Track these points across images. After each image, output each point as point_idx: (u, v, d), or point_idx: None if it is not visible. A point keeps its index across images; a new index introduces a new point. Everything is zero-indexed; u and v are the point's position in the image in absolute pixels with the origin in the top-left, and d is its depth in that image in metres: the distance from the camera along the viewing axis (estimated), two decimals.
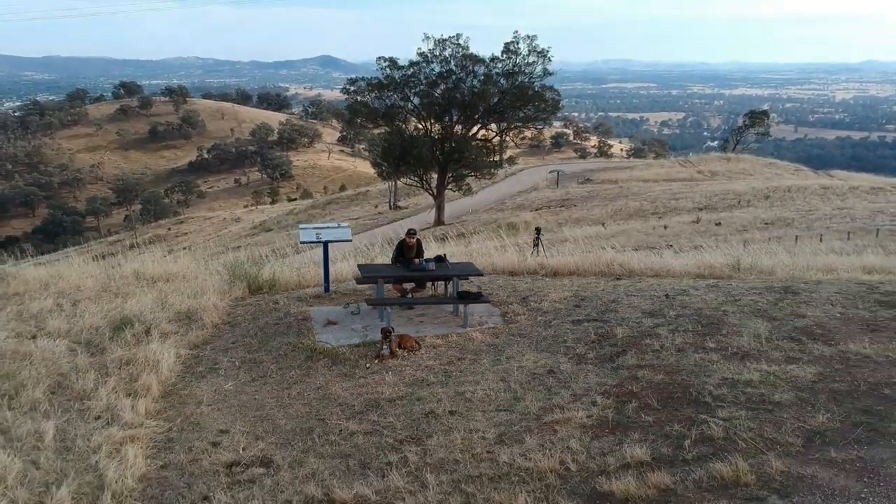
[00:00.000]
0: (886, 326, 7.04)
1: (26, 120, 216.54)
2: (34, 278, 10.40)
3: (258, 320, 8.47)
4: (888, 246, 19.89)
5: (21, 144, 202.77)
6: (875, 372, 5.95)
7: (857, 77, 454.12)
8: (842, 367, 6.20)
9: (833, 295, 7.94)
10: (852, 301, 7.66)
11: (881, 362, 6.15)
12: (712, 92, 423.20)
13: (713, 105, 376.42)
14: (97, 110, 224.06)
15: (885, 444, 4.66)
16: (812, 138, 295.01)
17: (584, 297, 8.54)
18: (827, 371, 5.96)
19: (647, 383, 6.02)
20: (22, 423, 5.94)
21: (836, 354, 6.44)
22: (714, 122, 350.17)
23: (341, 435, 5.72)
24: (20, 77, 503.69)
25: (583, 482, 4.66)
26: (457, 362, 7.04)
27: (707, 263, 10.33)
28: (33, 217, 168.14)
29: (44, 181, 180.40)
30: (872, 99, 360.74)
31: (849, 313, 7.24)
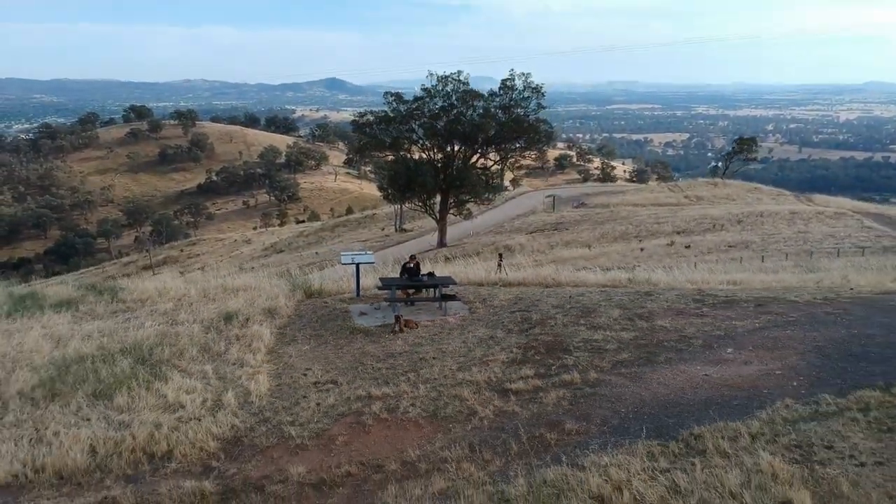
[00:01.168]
0: (688, 312, 11.50)
1: (38, 143, 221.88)
2: (147, 290, 15.10)
3: (316, 313, 13.12)
4: (811, 264, 24.36)
5: (33, 167, 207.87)
6: (666, 335, 10.53)
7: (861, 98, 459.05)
8: (649, 332, 10.64)
9: (671, 296, 12.43)
10: (678, 300, 12.19)
11: (671, 330, 10.64)
12: (716, 113, 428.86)
13: (717, 126, 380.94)
14: (108, 134, 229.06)
15: (650, 367, 9.21)
16: (816, 159, 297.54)
17: (520, 298, 13.11)
18: (639, 334, 10.49)
19: (542, 342, 10.51)
20: (192, 367, 10.51)
21: (649, 326, 10.95)
22: (718, 143, 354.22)
23: (373, 369, 10.30)
24: (29, 100, 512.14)
25: (497, 385, 9.24)
26: (438, 334, 11.61)
27: (613, 277, 14.99)
28: (45, 239, 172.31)
29: (55, 203, 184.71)
30: (876, 119, 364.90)
31: (671, 306, 11.80)
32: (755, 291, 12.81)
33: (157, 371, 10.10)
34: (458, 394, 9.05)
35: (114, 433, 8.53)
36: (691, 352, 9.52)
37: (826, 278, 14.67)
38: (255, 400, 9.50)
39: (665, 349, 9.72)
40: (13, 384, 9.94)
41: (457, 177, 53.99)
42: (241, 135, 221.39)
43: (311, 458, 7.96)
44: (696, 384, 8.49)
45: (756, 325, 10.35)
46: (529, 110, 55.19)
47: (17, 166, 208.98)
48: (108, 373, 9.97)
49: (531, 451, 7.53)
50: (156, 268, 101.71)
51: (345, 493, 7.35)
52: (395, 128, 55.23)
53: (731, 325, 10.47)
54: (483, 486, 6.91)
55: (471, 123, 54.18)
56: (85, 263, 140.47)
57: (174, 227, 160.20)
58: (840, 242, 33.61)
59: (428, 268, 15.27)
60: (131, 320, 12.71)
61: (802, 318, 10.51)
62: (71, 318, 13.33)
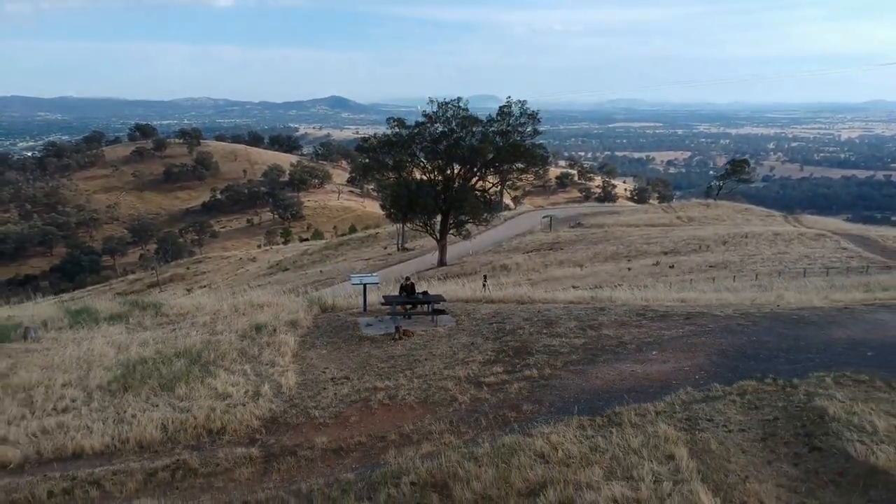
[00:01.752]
0: (629, 324, 14.15)
1: (45, 161, 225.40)
2: (185, 306, 17.79)
3: (330, 324, 15.77)
4: (771, 284, 26.98)
5: (40, 185, 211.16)
6: (608, 341, 13.20)
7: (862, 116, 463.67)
8: (596, 339, 13.27)
9: (621, 311, 15.10)
10: (625, 314, 14.86)
11: (613, 337, 13.31)
12: (718, 131, 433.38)
13: (719, 144, 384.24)
14: (113, 152, 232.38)
15: (592, 366, 11.86)
16: (818, 177, 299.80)
17: (498, 312, 15.77)
18: (588, 341, 13.15)
19: (511, 347, 13.17)
20: (234, 367, 13.18)
21: (596, 335, 13.57)
22: (720, 161, 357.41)
23: (377, 367, 12.95)
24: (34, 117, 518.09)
25: (474, 379, 11.88)
26: (430, 341, 14.24)
27: (578, 295, 17.68)
28: (51, 256, 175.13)
29: (61, 221, 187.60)
30: (878, 138, 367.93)
31: (618, 319, 14.45)
32: (692, 307, 15.51)
33: (206, 370, 12.80)
34: (443, 385, 11.74)
35: (179, 415, 11.22)
36: (625, 354, 12.22)
37: (763, 297, 17.35)
38: (285, 391, 12.20)
39: (605, 352, 12.41)
40: (93, 380, 12.64)
41: (456, 198, 56.73)
42: (245, 153, 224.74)
43: (330, 432, 10.64)
44: (624, 377, 11.16)
45: (680, 333, 13.05)
46: (526, 135, 57.98)
47: (23, 184, 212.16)
48: (167, 371, 12.67)
49: (495, 425, 10.21)
50: (162, 285, 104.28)
51: (357, 455, 10.02)
52: (398, 151, 57.98)
53: (660, 333, 13.17)
54: (458, 448, 9.58)
55: (470, 147, 57.03)
56: (91, 281, 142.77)
57: (179, 245, 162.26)
58: (812, 263, 36.25)
59: (423, 287, 18.02)
60: (177, 331, 15.46)
61: (718, 328, 13.20)
62: (124, 328, 16.05)
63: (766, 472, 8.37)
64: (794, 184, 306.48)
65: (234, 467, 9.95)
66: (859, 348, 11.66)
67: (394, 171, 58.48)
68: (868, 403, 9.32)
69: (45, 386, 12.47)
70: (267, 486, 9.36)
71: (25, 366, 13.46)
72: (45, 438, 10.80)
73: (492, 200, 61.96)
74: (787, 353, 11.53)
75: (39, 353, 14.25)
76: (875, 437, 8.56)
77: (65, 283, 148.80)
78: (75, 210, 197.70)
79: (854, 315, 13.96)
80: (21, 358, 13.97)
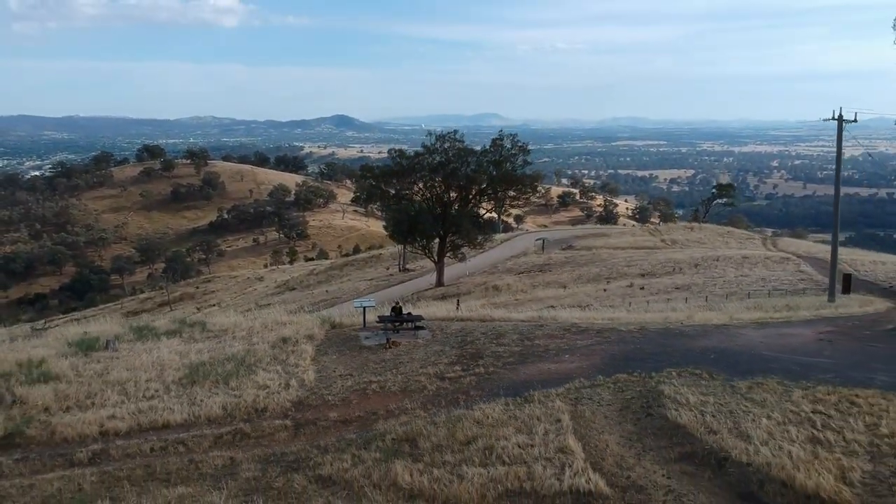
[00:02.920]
0: (556, 336, 19.19)
1: (54, 182, 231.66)
2: (225, 323, 22.89)
3: (338, 337, 20.85)
4: (714, 304, 31.96)
5: (49, 205, 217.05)
6: (538, 349, 18.24)
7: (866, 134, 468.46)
8: (530, 347, 18.26)
9: (554, 327, 20.13)
10: (556, 329, 19.87)
11: (541, 346, 18.34)
12: (721, 149, 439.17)
13: (722, 162, 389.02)
14: (122, 172, 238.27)
15: (522, 365, 16.87)
16: (821, 195, 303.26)
17: (464, 328, 20.81)
18: (523, 348, 18.16)
19: (468, 353, 18.18)
20: (269, 367, 18.27)
21: (531, 344, 18.47)
22: (723, 178, 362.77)
23: (372, 367, 18.01)
24: (41, 136, 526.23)
25: (440, 375, 16.84)
26: (411, 349, 19.30)
27: (529, 315, 22.69)
28: (60, 275, 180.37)
29: (70, 241, 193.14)
30: (881, 156, 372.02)
31: (549, 333, 19.45)
32: (608, 324, 20.61)
33: (249, 369, 17.94)
34: (418, 379, 16.85)
35: (233, 399, 16.33)
36: (546, 357, 17.32)
37: (676, 316, 22.40)
38: (307, 383, 17.31)
39: (533, 356, 17.50)
40: (167, 376, 17.77)
41: (453, 223, 61.92)
42: (251, 173, 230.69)
43: (339, 410, 15.73)
44: (542, 373, 16.24)
45: (589, 343, 18.12)
46: (517, 165, 63.36)
47: (33, 204, 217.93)
48: (221, 370, 17.80)
49: (451, 404, 15.29)
50: (173, 304, 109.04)
51: (357, 424, 15.09)
52: (399, 180, 63.30)
53: (575, 343, 18.27)
54: (424, 418, 14.66)
55: (465, 176, 62.35)
56: (100, 299, 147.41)
57: (186, 265, 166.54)
58: (764, 286, 41.19)
59: (421, 306, 23.19)
60: (222, 342, 20.62)
61: (617, 339, 18.28)
62: (180, 341, 21.22)
63: (615, 429, 13.45)
64: (797, 202, 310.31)
65: (274, 432, 15.05)
66: (708, 353, 16.71)
67: (395, 200, 63.79)
68: (691, 387, 14.40)
69: (134, 381, 17.61)
70: (297, 444, 14.44)
71: (115, 368, 18.61)
72: (141, 415, 15.91)
73: (486, 225, 67.13)
74: (657, 356, 16.57)
75: (122, 359, 19.40)
76: (686, 407, 13.63)
77: (74, 301, 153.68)
78: (84, 230, 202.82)
79: (722, 330, 19.02)
80: (109, 362, 19.13)
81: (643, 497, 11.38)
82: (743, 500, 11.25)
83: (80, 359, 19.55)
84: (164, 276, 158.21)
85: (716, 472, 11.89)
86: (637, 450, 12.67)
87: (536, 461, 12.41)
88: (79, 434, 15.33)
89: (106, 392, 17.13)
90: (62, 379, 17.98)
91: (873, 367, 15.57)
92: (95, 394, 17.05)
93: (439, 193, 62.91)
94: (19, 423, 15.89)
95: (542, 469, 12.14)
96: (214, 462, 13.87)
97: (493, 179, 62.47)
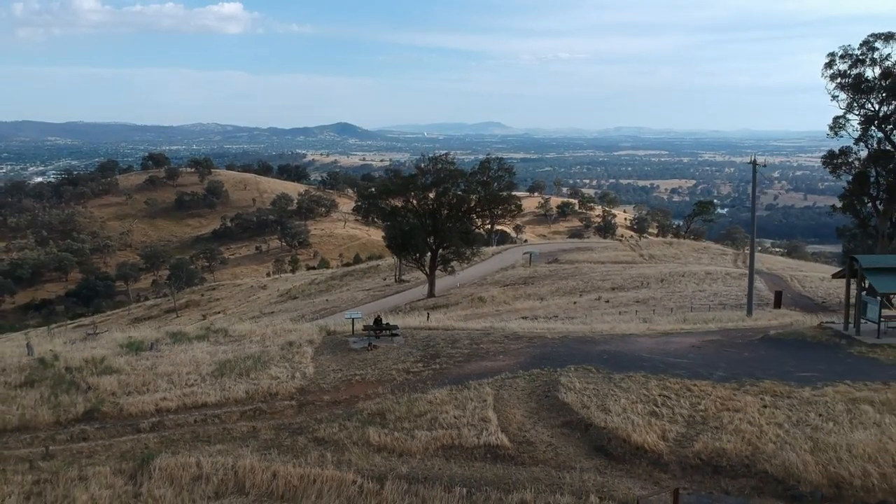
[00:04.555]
0: (497, 341, 25.05)
1: (60, 189, 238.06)
2: (243, 330, 28.98)
3: (332, 341, 26.82)
4: (649, 317, 37.93)
5: (55, 212, 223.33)
6: (481, 351, 24.17)
7: None
8: (476, 350, 24.11)
9: (498, 335, 25.98)
10: (499, 337, 25.68)
11: (484, 349, 24.22)
12: (723, 159, 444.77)
13: (724, 172, 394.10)
14: (127, 180, 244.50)
15: (468, 363, 22.71)
16: (821, 206, 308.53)
17: (429, 335, 26.71)
18: (471, 351, 24.01)
19: (429, 353, 23.97)
20: (280, 363, 24.24)
21: (477, 347, 24.27)
22: (724, 189, 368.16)
23: (357, 364, 23.88)
24: (44, 142, 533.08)
25: (406, 370, 22.69)
26: (387, 351, 25.21)
27: (484, 325, 28.72)
28: (66, 281, 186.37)
29: (76, 247, 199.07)
30: None
31: (493, 339, 25.24)
32: (540, 333, 26.63)
33: (265, 365, 24.01)
34: (390, 373, 22.94)
35: (253, 386, 22.39)
36: (487, 357, 23.39)
37: (602, 327, 28.43)
38: (308, 375, 23.40)
39: (477, 356, 23.59)
40: (202, 370, 23.87)
41: (444, 239, 68.08)
42: (254, 182, 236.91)
43: (331, 394, 21.81)
44: (481, 368, 22.29)
45: (519, 347, 24.17)
46: (503, 185, 69.67)
47: (39, 211, 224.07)
48: (243, 365, 23.89)
49: (412, 391, 21.37)
50: (179, 311, 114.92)
51: (344, 405, 21.16)
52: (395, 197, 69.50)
53: (509, 347, 24.34)
54: (392, 400, 20.74)
55: (455, 196, 68.56)
56: (106, 306, 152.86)
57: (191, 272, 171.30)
58: (713, 300, 47.20)
59: (400, 318, 29.23)
60: (242, 345, 26.71)
61: (541, 344, 24.31)
62: (208, 344, 27.32)
63: (522, 406, 19.52)
64: (798, 213, 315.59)
65: (283, 409, 21.13)
66: (603, 355, 22.73)
67: (390, 217, 70.05)
68: (581, 378, 20.46)
69: (177, 373, 23.71)
70: (300, 417, 20.50)
71: (160, 363, 24.72)
72: (185, 397, 21.96)
73: (476, 240, 73.34)
74: (565, 357, 22.59)
75: (164, 357, 25.52)
76: (573, 391, 19.69)
77: (80, 307, 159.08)
78: (90, 237, 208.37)
79: (626, 338, 25.06)
80: (155, 360, 25.25)
81: (531, 448, 17.44)
82: (597, 451, 17.29)
83: (132, 357, 25.67)
84: (168, 283, 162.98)
85: (583, 433, 17.95)
86: (534, 419, 18.74)
87: (465, 426, 18.48)
88: (140, 411, 21.40)
89: (157, 381, 23.23)
90: (122, 371, 24.09)
91: (718, 366, 21.49)
92: (149, 382, 23.15)
93: (431, 211, 69.08)
94: (95, 403, 21.99)
95: (468, 431, 18.22)
96: (241, 429, 19.96)
97: (481, 199, 68.67)
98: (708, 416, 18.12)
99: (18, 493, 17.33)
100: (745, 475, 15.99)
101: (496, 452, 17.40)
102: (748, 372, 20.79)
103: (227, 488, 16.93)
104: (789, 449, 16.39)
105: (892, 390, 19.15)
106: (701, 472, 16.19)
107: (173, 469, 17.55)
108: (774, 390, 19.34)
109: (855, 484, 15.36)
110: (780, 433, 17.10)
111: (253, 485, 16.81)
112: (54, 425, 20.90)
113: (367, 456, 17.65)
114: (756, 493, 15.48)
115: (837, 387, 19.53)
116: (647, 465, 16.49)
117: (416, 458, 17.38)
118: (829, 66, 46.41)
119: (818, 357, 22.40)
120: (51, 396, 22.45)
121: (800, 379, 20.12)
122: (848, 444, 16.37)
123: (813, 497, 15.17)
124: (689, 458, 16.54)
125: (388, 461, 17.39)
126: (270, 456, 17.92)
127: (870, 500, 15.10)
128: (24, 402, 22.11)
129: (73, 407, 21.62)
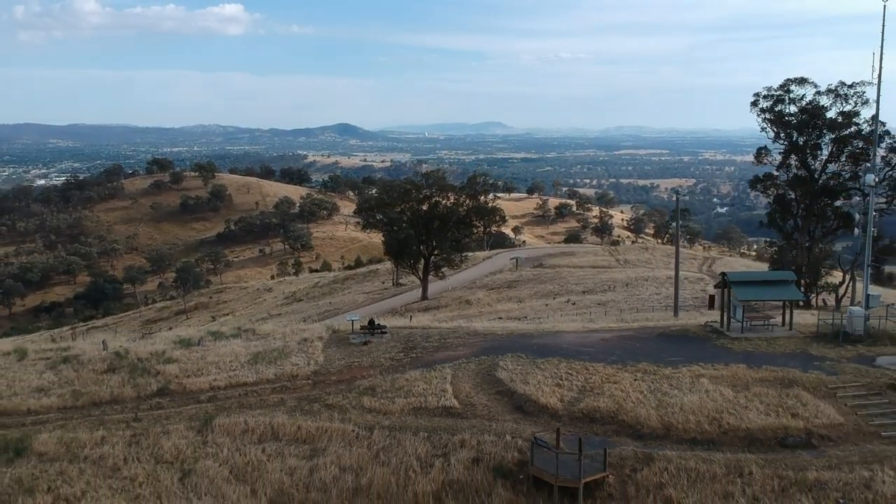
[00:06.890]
0: (461, 336, 33.75)
1: (67, 194, 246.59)
2: (267, 330, 37.83)
3: (337, 338, 35.42)
4: (607, 318, 46.67)
5: (63, 217, 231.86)
6: (448, 343, 33.12)
7: None
8: (444, 342, 32.89)
9: (462, 332, 34.50)
10: (463, 334, 34.32)
11: (451, 342, 33.08)
12: (724, 158, 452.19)
13: (724, 171, 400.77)
14: (132, 184, 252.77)
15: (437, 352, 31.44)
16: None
17: (410, 333, 35.26)
18: (439, 343, 33.00)
19: (409, 346, 32.74)
20: (298, 355, 33.10)
21: (445, 340, 33.02)
22: (724, 188, 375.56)
23: (356, 355, 32.67)
24: (46, 144, 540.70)
25: (391, 358, 31.54)
26: (378, 345, 33.74)
27: (454, 325, 37.30)
28: (74, 284, 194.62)
29: (84, 251, 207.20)
30: None
31: (458, 335, 33.88)
32: (498, 331, 35.47)
33: (287, 356, 32.93)
34: (379, 360, 31.90)
35: (279, 370, 31.33)
36: (451, 348, 32.30)
37: (546, 326, 37.30)
38: (319, 363, 32.36)
39: (445, 348, 32.51)
40: (241, 359, 32.78)
41: (435, 246, 76.87)
42: (257, 186, 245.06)
43: (337, 376, 30.78)
44: (446, 356, 31.20)
45: (476, 341, 33.06)
46: (489, 198, 78.51)
47: (47, 216, 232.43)
48: (271, 356, 32.81)
49: (395, 372, 30.32)
50: (189, 313, 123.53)
51: (346, 383, 30.11)
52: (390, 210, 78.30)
53: (468, 341, 33.25)
54: (381, 379, 29.71)
55: (445, 207, 77.35)
56: (114, 307, 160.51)
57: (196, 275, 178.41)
58: (660, 303, 55.93)
59: (398, 319, 38.16)
60: (268, 341, 35.65)
61: (492, 338, 33.19)
62: (241, 340, 36.25)
63: (470, 381, 28.48)
64: None
65: (302, 386, 30.09)
66: (534, 346, 31.57)
67: (386, 227, 78.90)
68: (513, 362, 29.37)
69: (222, 362, 32.67)
70: (314, 391, 29.48)
71: (208, 355, 33.65)
72: (231, 379, 30.85)
73: (467, 246, 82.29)
74: (507, 348, 31.41)
75: (210, 350, 34.48)
76: (506, 371, 28.62)
77: (89, 310, 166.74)
78: (97, 240, 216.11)
79: (556, 334, 33.91)
80: (204, 352, 34.20)
81: (473, 408, 26.37)
82: (516, 409, 26.18)
83: (185, 350, 34.62)
84: (174, 286, 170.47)
85: (509, 398, 26.86)
86: (477, 390, 27.67)
87: (429, 395, 27.41)
88: (198, 388, 30.33)
89: (208, 367, 32.18)
90: (180, 361, 33.05)
91: (614, 353, 30.28)
92: (202, 368, 32.11)
93: (424, 221, 77.90)
94: (164, 383, 30.93)
95: (432, 398, 27.15)
96: (273, 399, 28.91)
97: (469, 210, 77.55)
98: (594, 386, 27.00)
99: (122, 443, 26.20)
100: (610, 423, 24.89)
101: (449, 411, 26.32)
102: (633, 357, 29.63)
103: (267, 437, 25.88)
104: (641, 407, 25.28)
105: (729, 370, 27.97)
106: (582, 422, 25.08)
107: (228, 425, 26.47)
108: (646, 369, 28.20)
109: (679, 427, 24.23)
110: (639, 397, 25.97)
111: (284, 434, 25.76)
112: (136, 399, 29.79)
113: (362, 415, 26.57)
114: (614, 433, 24.36)
115: (692, 367, 28.36)
116: (547, 418, 25.38)
117: (395, 416, 26.31)
118: (755, 104, 55.19)
119: (690, 347, 31.19)
120: (130, 379, 31.37)
121: (668, 362, 28.93)
122: (681, 404, 25.24)
123: (651, 436, 24.04)
124: (576, 413, 25.44)
125: (377, 418, 26.31)
126: (295, 416, 26.85)
127: (685, 437, 23.96)
128: (111, 383, 31.04)
129: (148, 386, 30.54)
